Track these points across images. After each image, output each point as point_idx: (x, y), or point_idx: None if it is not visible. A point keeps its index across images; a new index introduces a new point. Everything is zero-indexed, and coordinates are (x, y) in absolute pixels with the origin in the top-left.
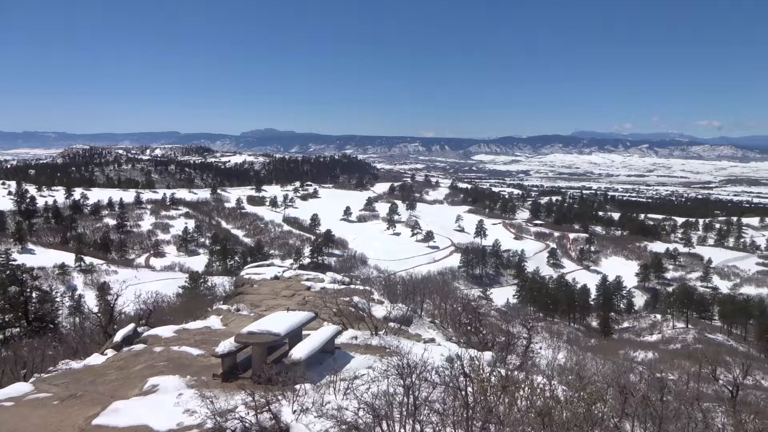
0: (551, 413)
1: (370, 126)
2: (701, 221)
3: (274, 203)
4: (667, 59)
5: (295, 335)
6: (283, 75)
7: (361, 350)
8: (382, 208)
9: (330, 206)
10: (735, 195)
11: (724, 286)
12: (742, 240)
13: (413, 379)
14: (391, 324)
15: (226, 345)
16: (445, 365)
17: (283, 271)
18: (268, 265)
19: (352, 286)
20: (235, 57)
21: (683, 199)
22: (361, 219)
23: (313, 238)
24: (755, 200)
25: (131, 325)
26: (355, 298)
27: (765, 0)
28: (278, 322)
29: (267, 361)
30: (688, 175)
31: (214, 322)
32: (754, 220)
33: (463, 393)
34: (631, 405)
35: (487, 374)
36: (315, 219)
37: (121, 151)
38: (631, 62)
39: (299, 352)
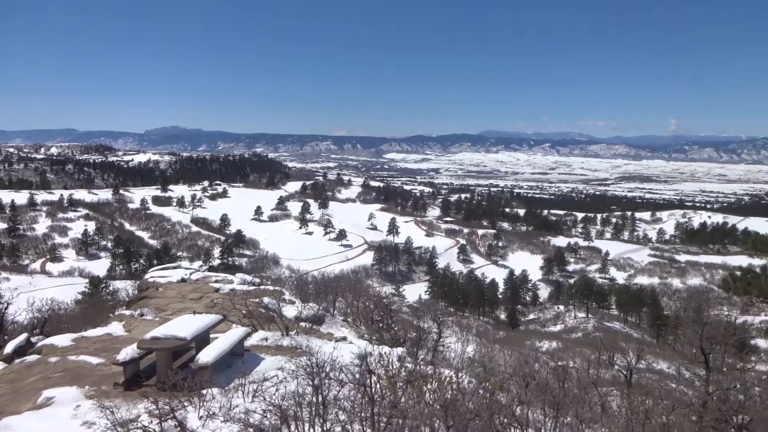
0: (455, 404)
1: (281, 124)
2: (599, 216)
3: (181, 203)
4: (568, 61)
5: (203, 339)
6: (189, 71)
7: (271, 351)
8: (295, 207)
9: (240, 206)
10: (629, 191)
11: (620, 277)
12: (635, 233)
13: (322, 379)
14: (303, 324)
15: (129, 352)
16: (354, 363)
17: (191, 274)
18: (175, 268)
19: (263, 287)
20: (136, 51)
21: (583, 196)
22: (273, 218)
23: (223, 238)
24: (647, 196)
25: (24, 336)
26: (266, 299)
27: (657, 6)
28: (184, 326)
29: (172, 367)
30: (587, 173)
31: (116, 328)
32: (646, 215)
33: (369, 390)
34: (532, 392)
35: (397, 370)
36: (225, 219)
37: (12, 150)
38: (536, 64)
39: (206, 356)
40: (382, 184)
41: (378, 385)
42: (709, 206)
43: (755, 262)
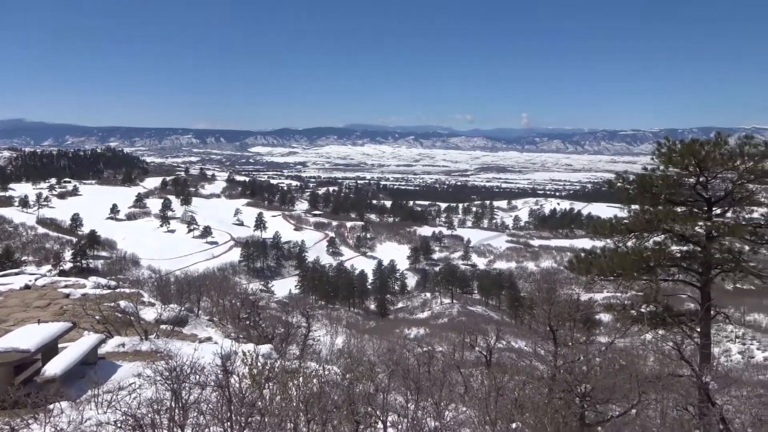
0: (319, 398)
1: (137, 116)
2: (461, 206)
3: (25, 203)
4: (427, 56)
5: (50, 350)
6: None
7: (129, 357)
8: (155, 204)
9: (94, 204)
10: (487, 181)
11: (481, 263)
12: (494, 221)
13: (181, 383)
14: (164, 326)
15: None
16: (217, 363)
17: (36, 279)
18: (17, 273)
19: (119, 290)
20: None
21: (446, 186)
22: (131, 217)
23: (75, 240)
24: (503, 185)
25: None
26: (122, 303)
27: (503, 7)
28: (27, 336)
29: (14, 383)
30: (449, 164)
31: None
32: (503, 203)
33: (228, 390)
34: (396, 379)
35: (261, 367)
36: (77, 219)
37: None
38: (396, 62)
39: (54, 367)
40: (248, 179)
41: (240, 385)
42: (558, 194)
43: (597, 244)
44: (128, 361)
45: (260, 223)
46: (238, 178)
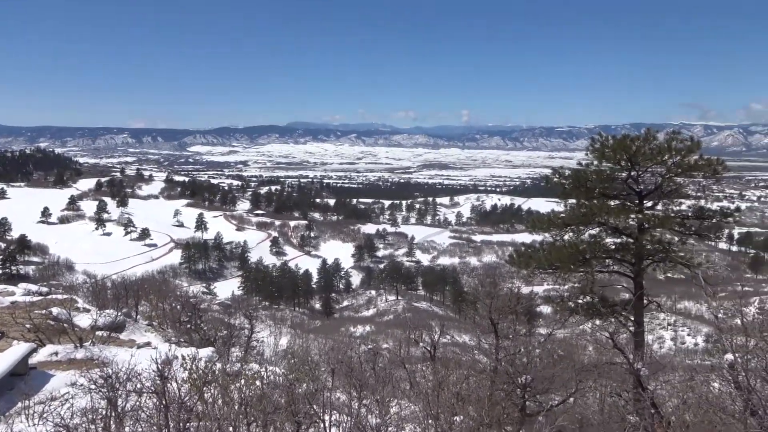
0: (261, 400)
1: (69, 115)
2: (404, 203)
3: None
4: (369, 54)
5: None
6: None
7: (63, 366)
8: (89, 206)
9: (23, 208)
10: (430, 178)
11: (425, 259)
12: (437, 217)
13: (117, 390)
14: (100, 333)
15: None
16: (155, 369)
17: None
18: None
19: (52, 296)
20: None
21: (389, 184)
22: (64, 220)
23: (3, 246)
24: (446, 182)
25: None
26: (55, 310)
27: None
28: None
29: None
30: (392, 162)
31: None
32: (446, 200)
33: (164, 396)
34: (340, 377)
35: (201, 371)
36: (4, 223)
37: None
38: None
39: None
40: (187, 179)
41: (180, 390)
42: (498, 190)
43: (536, 238)
44: (62, 370)
45: (201, 224)
46: (177, 178)
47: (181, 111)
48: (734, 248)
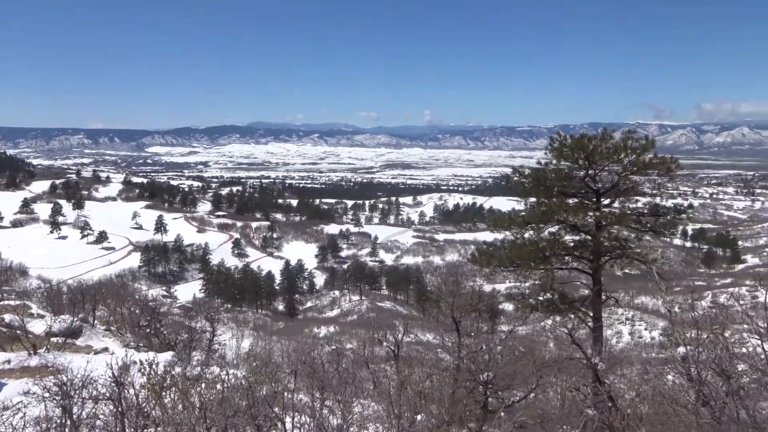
0: (221, 403)
1: (21, 115)
2: (367, 203)
3: None
4: (331, 53)
5: None
6: None
7: (16, 374)
8: (43, 209)
9: None
10: (393, 178)
11: (389, 259)
12: (400, 217)
13: (72, 398)
14: (55, 339)
15: None
16: (111, 375)
17: None
18: None
19: (4, 303)
20: None
21: (352, 184)
22: (17, 223)
23: None
24: (409, 182)
25: None
26: (7, 316)
27: (409, 5)
28: None
29: None
30: (354, 162)
31: None
32: (409, 199)
33: (120, 403)
34: (303, 378)
35: (160, 376)
36: None
37: None
38: (299, 59)
39: None
40: (146, 180)
41: (138, 396)
42: (461, 189)
43: (498, 236)
44: (15, 378)
45: (160, 226)
46: (136, 179)
47: (140, 111)
48: (688, 244)
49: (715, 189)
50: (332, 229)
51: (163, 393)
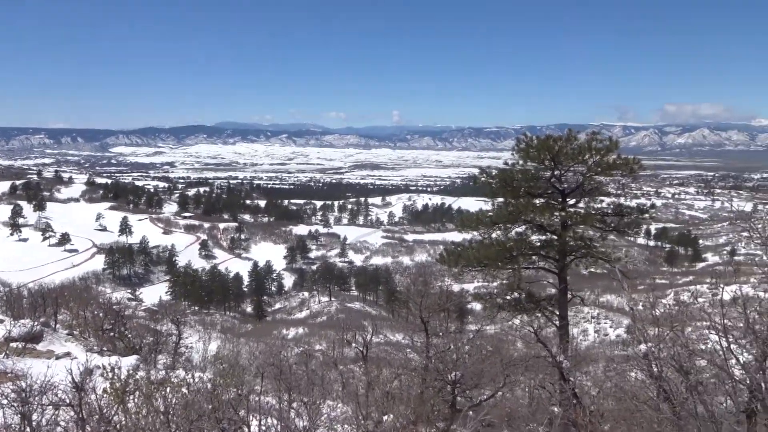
0: (186, 407)
1: None
2: (336, 203)
3: None
4: (299, 53)
5: None
6: None
7: None
8: (3, 211)
9: None
10: (362, 178)
11: (358, 260)
12: (369, 217)
13: (31, 404)
14: (14, 344)
15: None
16: (72, 381)
17: None
18: None
19: None
20: None
21: (321, 185)
22: None
23: None
24: (377, 182)
25: None
26: None
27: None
28: None
29: None
30: (323, 162)
31: None
32: (378, 200)
33: (80, 408)
34: (271, 380)
35: (123, 381)
36: None
37: None
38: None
39: None
40: (110, 181)
41: (99, 401)
42: (429, 189)
43: (466, 237)
44: None
45: (125, 228)
46: (99, 180)
47: (103, 110)
48: (651, 243)
49: (677, 189)
50: (301, 230)
51: (126, 397)
